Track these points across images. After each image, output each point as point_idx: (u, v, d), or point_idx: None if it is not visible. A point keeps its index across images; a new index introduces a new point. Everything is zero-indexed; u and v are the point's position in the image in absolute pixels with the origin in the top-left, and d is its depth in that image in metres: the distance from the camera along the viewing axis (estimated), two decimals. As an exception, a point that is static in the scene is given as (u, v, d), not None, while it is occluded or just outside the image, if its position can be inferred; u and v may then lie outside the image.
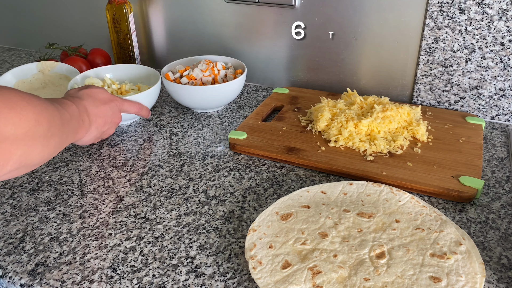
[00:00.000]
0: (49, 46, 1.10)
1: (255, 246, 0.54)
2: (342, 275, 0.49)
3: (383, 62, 0.91)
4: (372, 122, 0.76)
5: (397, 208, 0.59)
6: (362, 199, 0.61)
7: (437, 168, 0.69)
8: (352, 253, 0.52)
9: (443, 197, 0.65)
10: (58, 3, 1.21)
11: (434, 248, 0.53)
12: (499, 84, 0.83)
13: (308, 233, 0.55)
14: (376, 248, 0.53)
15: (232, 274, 0.54)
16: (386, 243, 0.53)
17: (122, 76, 0.97)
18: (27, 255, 0.58)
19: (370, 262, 0.51)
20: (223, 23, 1.02)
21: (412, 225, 0.56)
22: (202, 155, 0.78)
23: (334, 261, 0.51)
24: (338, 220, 0.57)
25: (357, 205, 0.59)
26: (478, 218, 0.62)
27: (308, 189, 0.63)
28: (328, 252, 0.52)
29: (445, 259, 0.51)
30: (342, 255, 0.52)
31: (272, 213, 0.59)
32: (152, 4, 1.08)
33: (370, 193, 0.62)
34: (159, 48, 1.14)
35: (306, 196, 0.62)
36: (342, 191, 0.62)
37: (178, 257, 0.56)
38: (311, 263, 0.51)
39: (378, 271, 0.50)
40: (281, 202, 0.61)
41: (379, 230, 0.55)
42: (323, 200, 0.61)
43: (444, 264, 0.50)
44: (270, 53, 1.01)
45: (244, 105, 0.96)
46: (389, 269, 0.50)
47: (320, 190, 0.63)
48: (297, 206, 0.60)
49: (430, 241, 0.54)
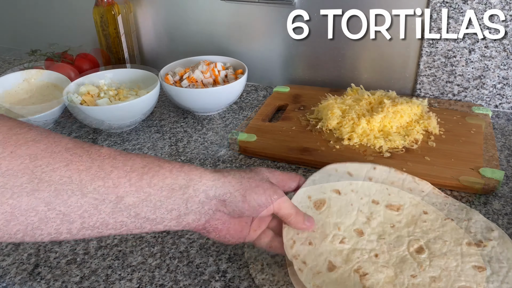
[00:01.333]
0: (32, 53, 1.04)
1: (295, 243, 0.51)
2: (388, 274, 0.48)
3: (384, 56, 0.90)
4: (384, 117, 0.75)
5: (422, 199, 0.58)
6: (387, 187, 0.59)
7: (455, 161, 0.69)
8: (391, 251, 0.51)
9: (465, 190, 0.65)
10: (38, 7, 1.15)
11: (468, 236, 0.52)
12: (502, 73, 0.83)
13: (344, 229, 0.53)
14: (413, 243, 0.52)
15: (269, 286, 0.51)
16: (422, 236, 0.52)
17: (117, 81, 0.93)
18: (44, 281, 0.54)
19: (412, 258, 0.50)
20: (218, 22, 0.99)
21: (440, 216, 0.55)
22: (213, 160, 0.75)
23: (377, 261, 0.49)
24: (369, 214, 0.55)
25: (383, 194, 0.58)
26: (504, 210, 0.61)
27: (335, 167, 0.60)
28: (368, 252, 0.51)
29: (482, 247, 0.51)
30: (383, 254, 0.51)
31: (304, 198, 0.56)
32: (141, 4, 1.04)
33: (394, 180, 0.60)
34: (150, 51, 1.10)
35: (335, 176, 0.60)
36: (367, 176, 0.60)
37: (209, 272, 0.54)
38: (355, 264, 0.49)
39: (422, 266, 0.49)
40: (312, 181, 0.58)
41: (410, 224, 0.54)
42: (352, 186, 0.59)
43: (482, 252, 0.50)
44: (268, 51, 0.99)
45: (245, 105, 0.93)
46: (432, 263, 0.49)
47: (347, 171, 0.61)
48: (328, 190, 0.57)
49: (462, 230, 0.53)
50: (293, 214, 0.49)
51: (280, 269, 0.54)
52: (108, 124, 0.82)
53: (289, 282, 0.52)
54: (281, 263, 0.54)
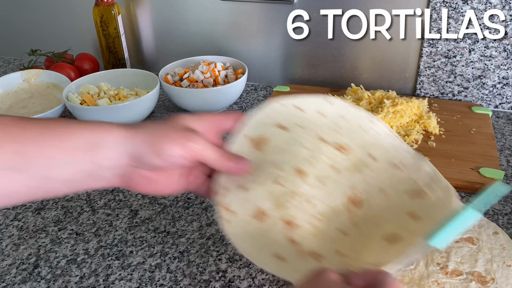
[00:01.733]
0: (32, 53, 1.04)
1: (229, 191, 0.46)
2: (318, 228, 0.44)
3: (385, 56, 0.90)
4: (384, 117, 0.75)
5: (374, 141, 0.51)
6: (338, 125, 0.52)
7: (455, 161, 0.69)
8: (328, 200, 0.47)
9: (465, 190, 0.65)
10: (39, 7, 1.15)
11: (413, 187, 0.47)
12: (502, 73, 0.83)
13: (283, 169, 0.47)
14: (353, 195, 0.47)
15: (269, 286, 0.52)
16: (364, 188, 0.47)
17: (117, 82, 0.93)
18: (44, 281, 0.54)
19: (347, 213, 0.46)
20: (217, 22, 0.99)
21: (389, 164, 0.49)
22: (213, 161, 0.75)
23: (310, 211, 0.46)
24: (314, 154, 0.49)
25: (333, 132, 0.51)
26: (504, 210, 0.61)
27: (282, 102, 0.52)
28: (304, 198, 0.46)
29: (426, 198, 0.46)
30: (320, 203, 0.46)
31: (243, 139, 0.49)
32: (141, 4, 1.04)
33: (349, 118, 0.52)
34: (149, 51, 1.10)
35: (282, 113, 0.52)
36: (319, 110, 0.52)
37: (209, 272, 0.54)
38: (285, 211, 0.45)
39: (357, 224, 0.45)
40: (254, 120, 0.51)
41: (355, 171, 0.48)
42: (297, 120, 0.51)
43: (425, 202, 0.46)
44: (267, 50, 0.99)
45: (246, 105, 0.93)
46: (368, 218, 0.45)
47: (296, 106, 0.52)
48: (270, 126, 0.50)
49: (409, 180, 0.48)
50: (217, 159, 0.45)
51: (280, 269, 0.54)
52: (108, 124, 0.82)
53: (289, 282, 0.52)
54: (281, 263, 0.54)
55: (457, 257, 0.51)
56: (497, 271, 0.49)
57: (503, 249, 0.52)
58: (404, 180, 0.48)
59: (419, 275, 0.49)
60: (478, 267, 0.50)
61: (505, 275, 0.49)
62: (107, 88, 0.87)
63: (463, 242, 0.53)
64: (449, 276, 0.49)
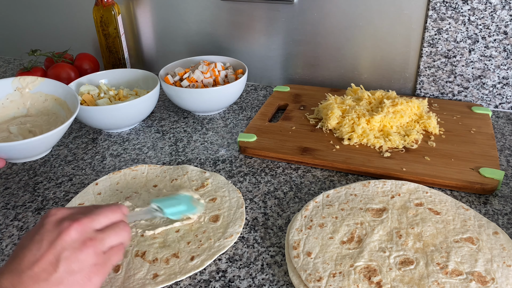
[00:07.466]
0: (32, 53, 1.04)
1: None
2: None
3: (384, 56, 0.90)
4: (384, 117, 0.75)
5: (146, 175, 0.70)
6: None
7: (455, 161, 0.69)
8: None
9: (465, 190, 0.65)
10: (39, 6, 1.15)
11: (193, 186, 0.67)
12: (502, 73, 0.83)
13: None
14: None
15: (269, 286, 0.52)
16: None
17: (117, 81, 0.93)
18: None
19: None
20: (218, 22, 0.99)
21: (167, 181, 0.69)
22: (213, 161, 0.75)
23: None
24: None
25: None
26: (504, 210, 0.61)
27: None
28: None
29: (205, 186, 0.67)
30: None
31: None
32: (140, 4, 1.04)
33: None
34: (149, 51, 1.10)
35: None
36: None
37: (209, 272, 0.54)
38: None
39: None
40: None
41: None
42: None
43: (206, 189, 0.67)
44: (267, 50, 0.99)
45: (246, 105, 0.93)
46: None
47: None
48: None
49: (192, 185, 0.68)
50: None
51: (280, 269, 0.54)
52: (108, 124, 0.82)
53: (289, 282, 0.52)
54: (280, 263, 0.54)
55: (457, 257, 0.51)
56: (497, 271, 0.49)
57: (503, 249, 0.52)
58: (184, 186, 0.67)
59: (419, 275, 0.49)
60: (478, 267, 0.50)
61: (505, 275, 0.49)
62: (107, 88, 0.87)
63: (463, 242, 0.53)
64: (449, 276, 0.49)
